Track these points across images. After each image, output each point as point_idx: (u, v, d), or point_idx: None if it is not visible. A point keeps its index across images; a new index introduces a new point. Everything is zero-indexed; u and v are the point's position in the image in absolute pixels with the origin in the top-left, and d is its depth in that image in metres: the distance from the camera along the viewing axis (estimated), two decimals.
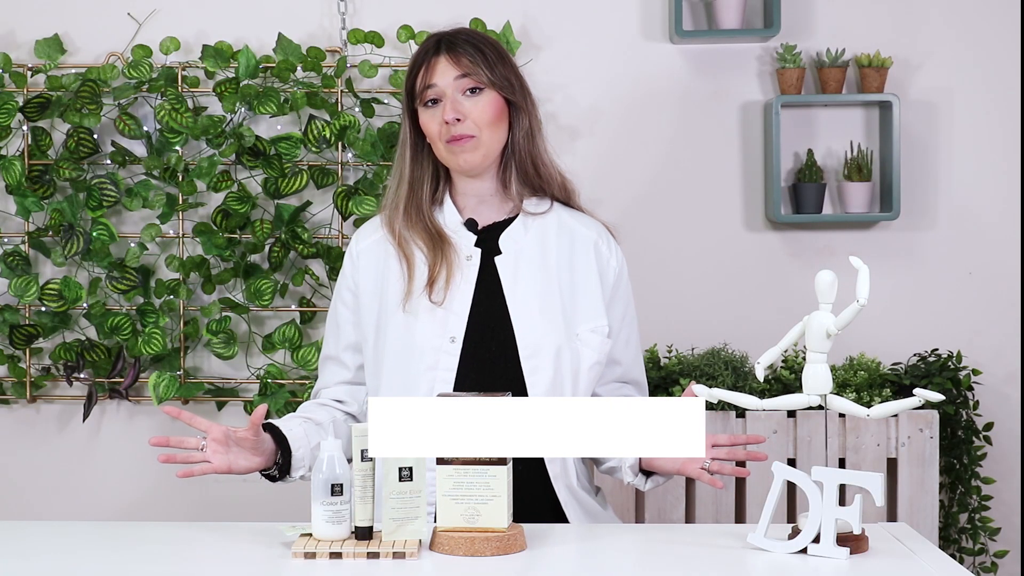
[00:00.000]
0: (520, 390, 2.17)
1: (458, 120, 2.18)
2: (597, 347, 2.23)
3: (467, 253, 2.23)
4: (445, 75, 2.20)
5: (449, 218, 2.26)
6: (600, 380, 2.28)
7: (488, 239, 2.25)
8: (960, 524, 3.19)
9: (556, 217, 2.28)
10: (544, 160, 2.27)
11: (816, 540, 1.84)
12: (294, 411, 2.29)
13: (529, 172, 2.27)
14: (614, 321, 2.27)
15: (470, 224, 2.25)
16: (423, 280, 2.20)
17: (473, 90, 2.20)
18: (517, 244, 2.24)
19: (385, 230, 2.28)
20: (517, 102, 2.24)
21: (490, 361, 2.19)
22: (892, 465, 3.10)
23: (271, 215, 3.29)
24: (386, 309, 2.23)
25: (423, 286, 2.20)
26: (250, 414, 3.30)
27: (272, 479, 2.15)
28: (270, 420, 2.18)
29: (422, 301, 2.20)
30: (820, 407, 1.90)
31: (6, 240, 3.32)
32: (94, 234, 3.24)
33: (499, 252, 2.23)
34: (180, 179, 3.26)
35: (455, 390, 2.17)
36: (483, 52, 2.21)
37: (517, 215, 2.27)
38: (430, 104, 2.21)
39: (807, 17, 3.30)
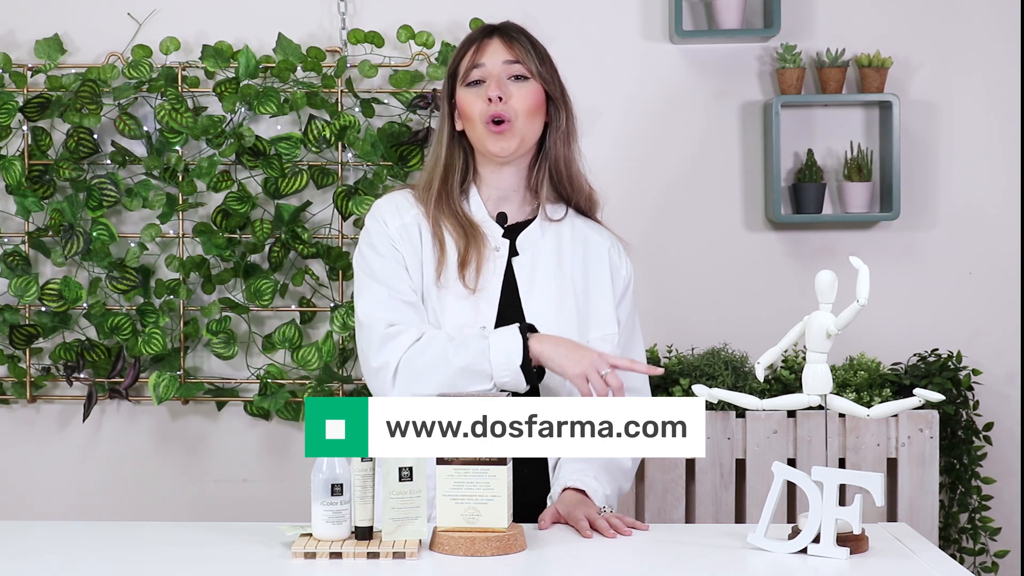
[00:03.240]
0: (532, 390, 2.17)
1: (500, 99, 2.19)
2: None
3: (495, 244, 2.23)
4: (495, 57, 2.22)
5: (476, 210, 2.26)
6: None
7: (510, 237, 2.25)
8: (960, 524, 3.19)
9: (570, 223, 2.29)
10: (577, 168, 2.29)
11: (816, 540, 1.84)
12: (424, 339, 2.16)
13: (562, 176, 2.28)
14: (619, 328, 2.27)
15: (500, 218, 2.26)
16: (455, 263, 2.20)
17: (519, 77, 2.22)
18: (535, 246, 2.25)
19: (418, 209, 2.26)
20: (556, 99, 2.26)
21: None
22: (892, 465, 3.10)
23: (271, 215, 3.29)
24: (423, 286, 2.22)
25: (455, 269, 2.20)
26: (250, 414, 3.30)
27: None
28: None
29: (456, 286, 2.19)
30: (820, 407, 1.90)
31: (6, 240, 3.32)
32: (94, 234, 3.24)
33: (516, 253, 2.24)
34: (180, 179, 3.26)
35: None
36: (534, 45, 2.26)
37: (535, 217, 2.27)
38: (473, 84, 2.22)
39: (807, 17, 3.30)
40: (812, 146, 3.29)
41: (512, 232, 2.25)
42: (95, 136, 3.26)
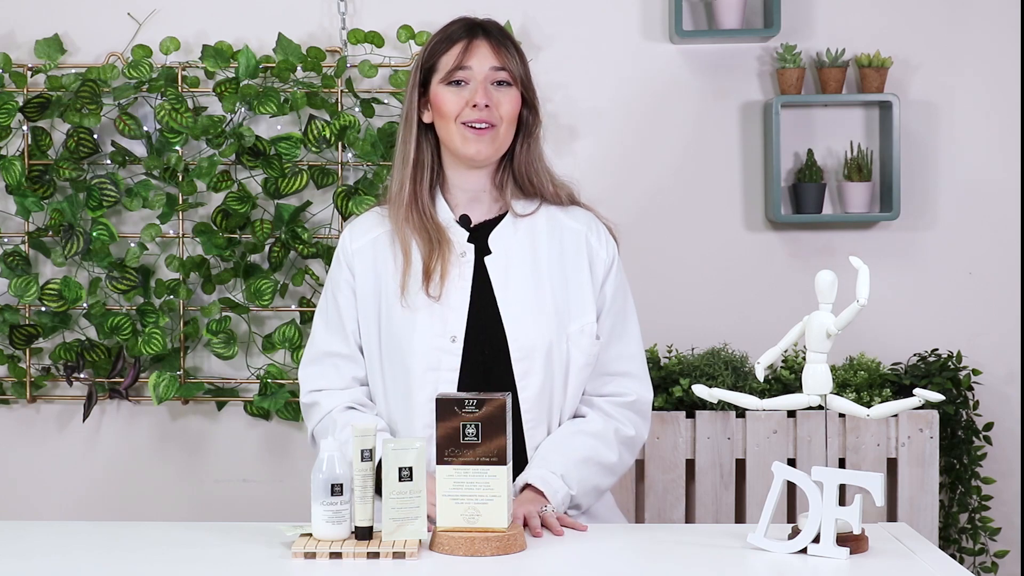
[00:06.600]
0: (513, 391, 2.16)
1: (486, 106, 2.19)
2: (586, 349, 2.21)
3: (461, 250, 2.22)
4: (484, 61, 2.21)
5: (441, 213, 2.25)
6: (595, 372, 2.27)
7: (479, 237, 2.24)
8: (960, 524, 3.19)
9: (546, 214, 2.28)
10: (538, 169, 2.28)
11: (816, 540, 1.85)
12: (324, 419, 2.24)
13: (523, 178, 2.27)
14: (604, 311, 2.25)
15: (463, 221, 2.25)
16: (419, 272, 2.20)
17: (502, 83, 2.23)
18: (507, 243, 2.23)
19: (386, 219, 2.27)
20: (533, 106, 2.27)
21: (485, 363, 2.18)
22: (892, 465, 3.10)
23: (271, 215, 3.29)
24: (386, 306, 2.22)
25: (420, 279, 2.20)
26: (250, 414, 3.30)
27: None
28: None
29: (419, 296, 2.19)
30: (820, 407, 1.90)
31: (6, 240, 3.32)
32: (94, 234, 3.24)
33: (489, 252, 2.23)
34: (180, 179, 3.26)
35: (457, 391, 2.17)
36: (518, 50, 2.26)
37: (506, 213, 2.27)
38: (454, 84, 2.22)
39: (807, 17, 3.30)
40: (812, 146, 3.29)
41: (482, 232, 2.25)
42: (95, 136, 3.26)
